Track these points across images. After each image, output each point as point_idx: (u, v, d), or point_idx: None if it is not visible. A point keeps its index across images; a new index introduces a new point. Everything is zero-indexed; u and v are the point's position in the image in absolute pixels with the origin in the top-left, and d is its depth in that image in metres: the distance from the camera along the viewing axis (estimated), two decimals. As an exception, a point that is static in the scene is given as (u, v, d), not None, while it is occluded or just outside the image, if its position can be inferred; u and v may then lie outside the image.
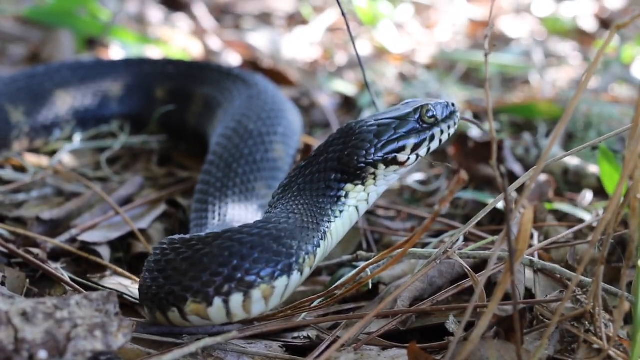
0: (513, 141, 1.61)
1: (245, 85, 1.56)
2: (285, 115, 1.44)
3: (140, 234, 1.26)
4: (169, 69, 1.68)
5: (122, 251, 1.26)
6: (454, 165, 1.56)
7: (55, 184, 1.42)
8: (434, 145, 1.11)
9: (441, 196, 1.48)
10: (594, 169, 1.45)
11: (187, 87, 1.64)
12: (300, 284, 1.01)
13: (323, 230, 1.03)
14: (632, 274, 1.07)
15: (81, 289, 1.10)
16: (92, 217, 1.30)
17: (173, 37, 2.36)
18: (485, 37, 0.93)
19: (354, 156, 1.07)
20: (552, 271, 1.09)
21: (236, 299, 0.95)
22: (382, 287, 1.14)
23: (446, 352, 0.89)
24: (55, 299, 0.89)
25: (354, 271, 1.08)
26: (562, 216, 1.39)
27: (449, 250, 1.04)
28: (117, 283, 1.14)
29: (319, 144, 1.14)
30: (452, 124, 1.13)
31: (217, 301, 0.95)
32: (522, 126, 1.81)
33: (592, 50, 2.45)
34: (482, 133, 1.59)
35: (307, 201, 1.05)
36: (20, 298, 0.95)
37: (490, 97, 0.94)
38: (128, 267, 1.22)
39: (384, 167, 1.08)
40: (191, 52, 2.28)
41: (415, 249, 1.16)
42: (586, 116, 1.67)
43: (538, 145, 1.54)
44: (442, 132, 1.12)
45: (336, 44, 2.52)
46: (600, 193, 1.44)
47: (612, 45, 2.12)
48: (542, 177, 1.43)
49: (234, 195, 1.22)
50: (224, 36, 2.44)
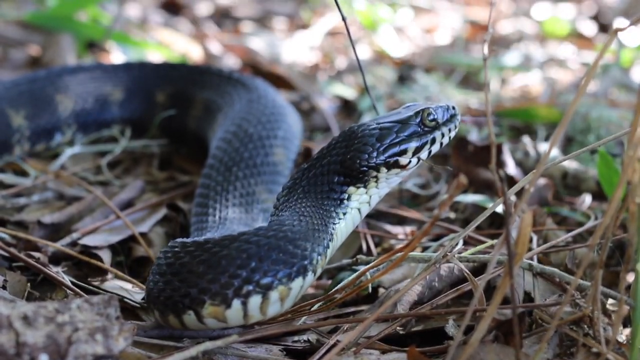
0: (512, 145, 1.62)
1: (245, 89, 1.57)
2: (285, 119, 1.45)
3: (141, 237, 1.26)
4: (169, 73, 1.68)
5: (123, 255, 1.27)
6: (453, 168, 1.56)
7: (56, 188, 1.43)
8: (435, 148, 1.13)
9: (441, 200, 1.49)
10: (593, 172, 1.46)
11: (188, 91, 1.64)
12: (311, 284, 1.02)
13: (330, 232, 1.05)
14: (630, 277, 1.08)
15: (82, 293, 1.11)
16: (93, 221, 1.31)
17: (173, 41, 2.37)
18: (484, 42, 0.94)
19: (357, 159, 1.09)
20: (551, 275, 1.09)
21: (254, 301, 0.96)
22: (381, 290, 1.14)
23: (445, 355, 0.89)
24: (57, 302, 0.89)
25: (354, 275, 1.09)
26: (561, 220, 1.39)
27: (449, 254, 1.04)
28: (118, 287, 1.14)
29: (321, 146, 1.15)
30: (453, 127, 1.15)
31: (236, 303, 0.95)
32: (522, 130, 1.81)
33: (591, 54, 2.46)
34: (479, 134, 1.60)
35: (313, 204, 1.07)
36: (21, 302, 0.96)
37: (489, 101, 0.94)
38: (129, 271, 1.23)
39: (386, 170, 1.09)
40: (192, 56, 2.29)
41: (415, 253, 1.16)
42: (585, 120, 1.67)
43: (537, 149, 1.55)
44: (443, 135, 1.13)
45: (336, 48, 2.53)
46: (599, 197, 1.45)
47: (611, 49, 2.13)
48: (541, 181, 1.44)
49: (235, 199, 1.22)
50: (224, 40, 2.45)
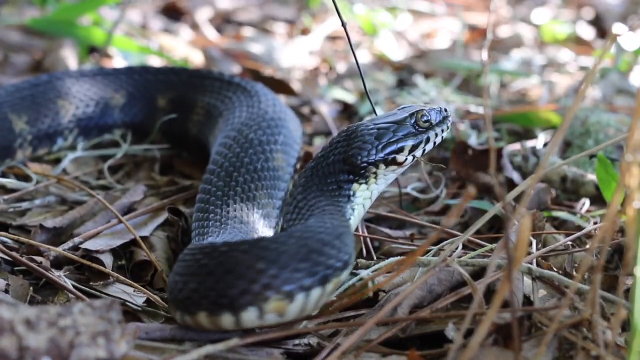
0: (511, 149, 1.63)
1: (245, 93, 1.57)
2: (286, 124, 1.45)
3: (142, 241, 1.27)
4: (171, 78, 1.68)
5: (124, 259, 1.27)
6: (452, 172, 1.57)
7: (58, 192, 1.43)
8: (429, 147, 1.22)
9: (440, 203, 1.50)
10: (591, 177, 1.46)
11: (189, 95, 1.64)
12: None
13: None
14: (629, 281, 1.08)
15: (84, 297, 1.11)
16: (95, 226, 1.31)
17: (174, 46, 2.38)
18: (484, 47, 0.95)
19: (358, 156, 1.17)
20: (551, 279, 1.09)
21: (315, 293, 1.00)
22: (381, 294, 1.15)
23: (445, 359, 0.89)
24: (59, 306, 0.90)
25: (354, 279, 1.09)
26: (560, 224, 1.40)
27: (448, 258, 1.05)
28: (120, 290, 1.15)
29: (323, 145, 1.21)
30: (445, 128, 1.24)
31: (300, 297, 0.98)
32: (521, 134, 1.81)
33: (589, 59, 2.46)
34: (478, 138, 1.61)
35: (328, 202, 1.14)
36: (24, 306, 0.96)
37: (488, 105, 0.95)
38: (130, 275, 1.23)
39: (384, 167, 1.18)
40: (192, 60, 2.30)
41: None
42: (584, 124, 1.68)
43: (536, 153, 1.55)
44: (436, 135, 1.22)
45: (337, 52, 2.54)
46: (598, 201, 1.45)
47: (609, 54, 2.14)
48: (540, 185, 1.44)
49: (235, 204, 1.23)
50: (224, 45, 2.46)
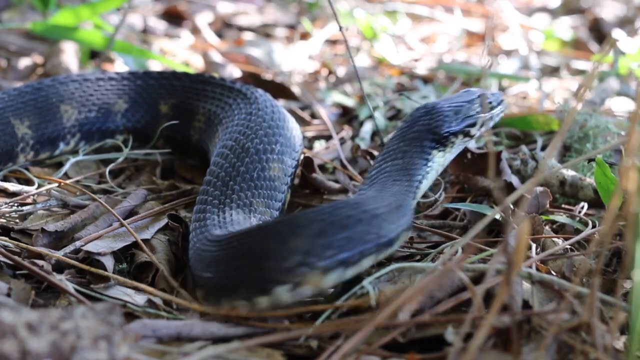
0: (510, 153, 1.63)
1: (245, 100, 1.56)
2: (284, 133, 1.44)
3: (143, 244, 1.27)
4: (173, 83, 1.68)
5: (125, 262, 1.28)
6: (451, 176, 1.58)
7: (59, 196, 1.44)
8: (491, 123, 1.46)
9: (440, 207, 1.50)
10: (590, 180, 1.47)
11: (191, 102, 1.64)
12: None
13: (414, 188, 1.30)
14: (628, 284, 1.09)
15: (85, 300, 1.12)
16: (96, 229, 1.32)
17: (175, 51, 2.39)
18: (483, 53, 0.96)
19: (442, 127, 1.35)
20: (550, 282, 1.10)
21: (367, 262, 1.10)
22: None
23: (445, 362, 0.90)
24: (60, 310, 0.91)
25: (356, 287, 1.10)
26: (558, 227, 1.40)
27: (449, 263, 1.05)
28: (121, 292, 1.16)
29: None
30: (501, 110, 1.44)
31: (334, 274, 1.05)
32: (520, 138, 1.82)
33: (588, 63, 2.47)
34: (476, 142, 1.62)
35: (404, 167, 1.31)
36: (26, 309, 0.97)
37: (487, 109, 0.96)
38: (132, 277, 1.24)
39: (462, 138, 1.37)
40: (193, 64, 2.30)
41: (415, 263, 1.18)
42: (582, 128, 1.68)
43: (535, 157, 1.56)
44: (496, 115, 1.43)
45: (336, 56, 2.54)
46: (597, 205, 1.46)
47: (608, 58, 2.15)
48: (539, 188, 1.45)
49: (232, 210, 1.24)
50: (225, 49, 2.47)
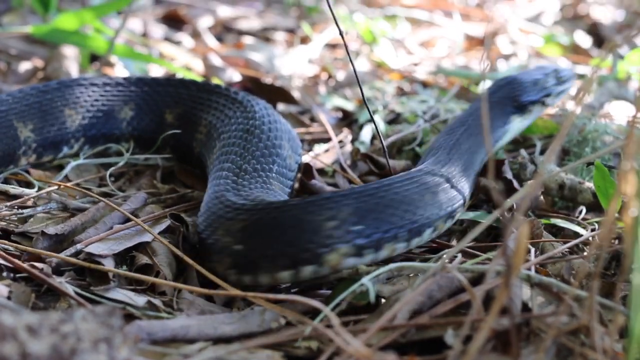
0: (510, 157, 1.63)
1: (244, 114, 1.52)
2: (281, 152, 1.42)
3: (145, 246, 1.28)
4: (179, 91, 1.65)
5: (125, 264, 1.28)
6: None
7: (60, 199, 1.44)
8: (561, 96, 1.62)
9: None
10: (589, 184, 1.47)
11: (196, 112, 1.60)
12: None
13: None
14: (627, 288, 1.09)
15: (86, 303, 1.12)
16: (96, 232, 1.32)
17: (175, 54, 2.39)
18: (482, 57, 0.96)
19: (524, 95, 1.54)
20: (549, 285, 1.10)
21: (387, 250, 1.19)
22: (382, 300, 1.15)
23: (444, 364, 0.90)
24: (61, 313, 0.91)
25: (355, 285, 1.11)
26: (557, 231, 1.41)
27: (448, 265, 1.06)
28: (122, 295, 1.16)
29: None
30: (572, 84, 1.63)
31: (369, 253, 1.16)
32: (519, 142, 1.82)
33: (587, 68, 2.48)
34: None
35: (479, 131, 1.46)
36: (26, 312, 0.97)
37: (486, 113, 0.96)
38: (133, 279, 1.24)
39: (540, 106, 1.56)
40: (193, 68, 2.31)
41: (415, 263, 1.18)
42: (581, 132, 1.69)
43: (534, 161, 1.56)
44: (567, 89, 1.62)
45: (336, 60, 2.55)
46: (596, 208, 1.46)
47: (607, 62, 2.15)
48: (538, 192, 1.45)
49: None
50: (225, 53, 2.47)
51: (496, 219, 1.31)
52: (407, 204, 1.19)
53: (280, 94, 2.05)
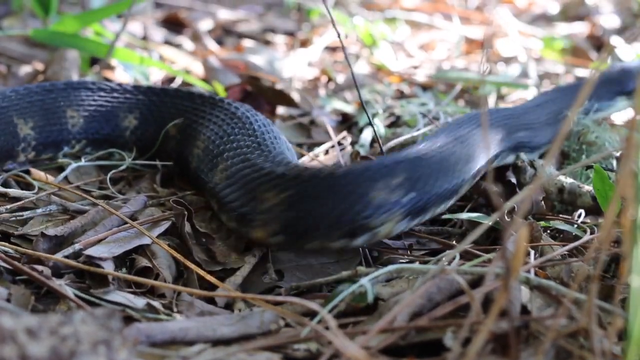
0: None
1: (243, 130, 1.47)
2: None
3: (144, 249, 1.28)
4: (184, 102, 1.62)
5: (125, 267, 1.28)
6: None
7: (60, 201, 1.44)
8: None
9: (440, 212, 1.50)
10: (588, 188, 1.47)
11: (196, 126, 1.57)
12: None
13: (593, 109, 1.72)
14: (626, 290, 1.09)
15: (85, 305, 1.12)
16: (96, 234, 1.32)
17: (175, 58, 2.40)
18: (481, 60, 0.96)
19: (630, 82, 1.75)
20: (548, 288, 1.10)
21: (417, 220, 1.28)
22: (381, 302, 1.15)
23: (444, 367, 0.90)
24: (60, 315, 0.91)
25: (355, 286, 1.11)
26: (557, 234, 1.41)
27: (447, 267, 1.06)
28: (121, 297, 1.16)
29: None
30: None
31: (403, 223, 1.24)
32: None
33: (586, 71, 2.48)
34: None
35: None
36: (26, 315, 0.97)
37: (486, 117, 0.96)
38: (132, 282, 1.24)
39: None
40: (193, 71, 2.31)
41: (414, 265, 1.18)
42: (581, 137, 1.69)
43: (534, 165, 1.56)
44: None
45: (336, 63, 2.56)
46: (595, 212, 1.46)
47: (606, 65, 2.15)
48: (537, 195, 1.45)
49: None
50: (225, 56, 2.48)
51: (495, 221, 1.31)
52: (452, 168, 1.29)
53: (280, 97, 2.06)
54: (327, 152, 1.81)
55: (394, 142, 1.76)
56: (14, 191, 1.47)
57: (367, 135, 1.87)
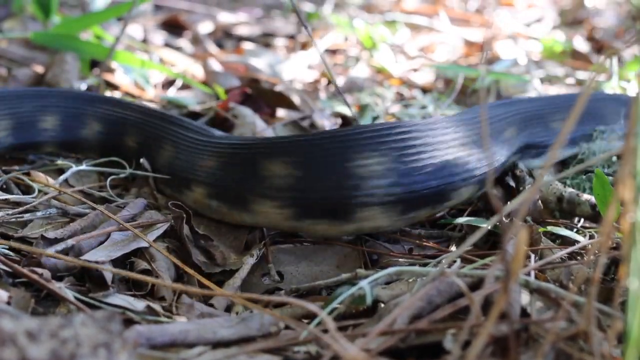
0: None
1: None
2: None
3: (143, 252, 1.28)
4: (183, 125, 1.57)
5: (124, 270, 1.28)
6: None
7: (60, 204, 1.44)
8: None
9: (440, 216, 1.51)
10: (587, 196, 1.45)
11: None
12: None
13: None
14: (625, 293, 1.09)
15: (85, 308, 1.12)
16: (95, 237, 1.32)
17: (175, 60, 2.40)
18: (482, 60, 0.97)
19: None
20: (547, 291, 1.10)
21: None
22: (380, 304, 1.16)
23: (443, 369, 0.90)
24: (60, 318, 0.91)
25: (354, 288, 1.11)
26: (556, 238, 1.41)
27: (447, 270, 1.06)
28: (121, 299, 1.16)
29: None
30: None
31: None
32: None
33: (586, 73, 2.49)
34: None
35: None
36: (26, 317, 0.97)
37: (485, 120, 0.96)
38: (132, 285, 1.24)
39: None
40: (193, 74, 2.32)
41: (413, 268, 1.18)
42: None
43: (532, 173, 1.56)
44: None
45: (336, 65, 2.56)
46: (594, 221, 1.45)
47: (606, 68, 2.16)
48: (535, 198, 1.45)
49: None
50: (225, 58, 2.48)
51: (495, 225, 1.32)
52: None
53: (280, 100, 2.06)
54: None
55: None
56: (15, 197, 1.47)
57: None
